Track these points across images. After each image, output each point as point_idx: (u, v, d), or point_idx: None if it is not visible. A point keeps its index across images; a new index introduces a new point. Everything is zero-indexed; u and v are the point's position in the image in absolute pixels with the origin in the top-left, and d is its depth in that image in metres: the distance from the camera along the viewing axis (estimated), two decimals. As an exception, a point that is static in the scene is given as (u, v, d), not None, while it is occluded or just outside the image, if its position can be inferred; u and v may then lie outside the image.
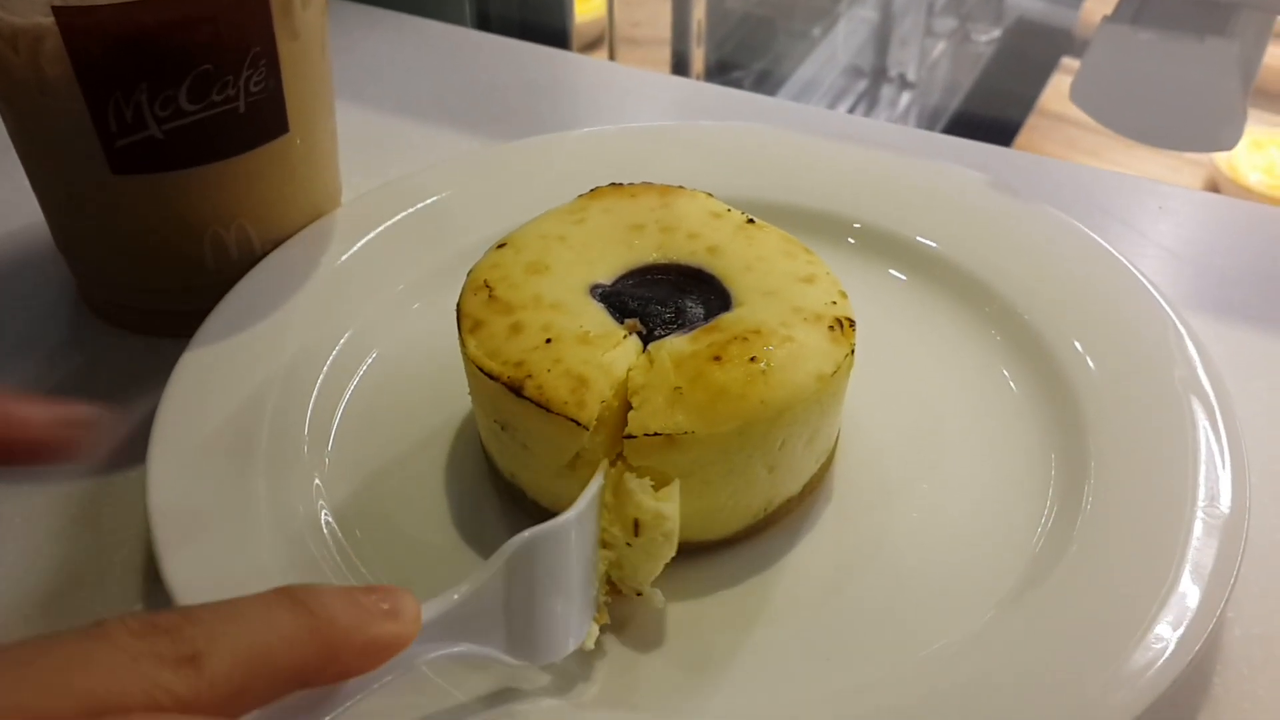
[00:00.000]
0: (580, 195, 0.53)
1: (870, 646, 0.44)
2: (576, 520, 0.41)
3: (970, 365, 0.55)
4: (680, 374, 0.44)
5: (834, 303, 0.47)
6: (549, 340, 0.45)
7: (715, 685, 0.43)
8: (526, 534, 0.39)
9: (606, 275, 0.49)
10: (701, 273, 0.49)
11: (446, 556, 0.48)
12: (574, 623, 0.41)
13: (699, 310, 0.47)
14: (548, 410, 0.43)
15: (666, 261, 0.50)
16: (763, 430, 0.44)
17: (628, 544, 0.43)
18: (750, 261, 0.49)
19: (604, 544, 0.43)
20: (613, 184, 0.54)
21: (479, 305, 0.47)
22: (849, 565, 0.47)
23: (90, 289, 0.62)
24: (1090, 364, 0.52)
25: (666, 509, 0.42)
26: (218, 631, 0.27)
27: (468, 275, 0.49)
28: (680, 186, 0.53)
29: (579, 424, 0.43)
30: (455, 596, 0.36)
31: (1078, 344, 0.54)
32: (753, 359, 0.44)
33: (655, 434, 0.42)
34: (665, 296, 0.48)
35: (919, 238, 0.60)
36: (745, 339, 0.45)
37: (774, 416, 0.44)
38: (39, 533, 0.51)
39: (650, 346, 0.45)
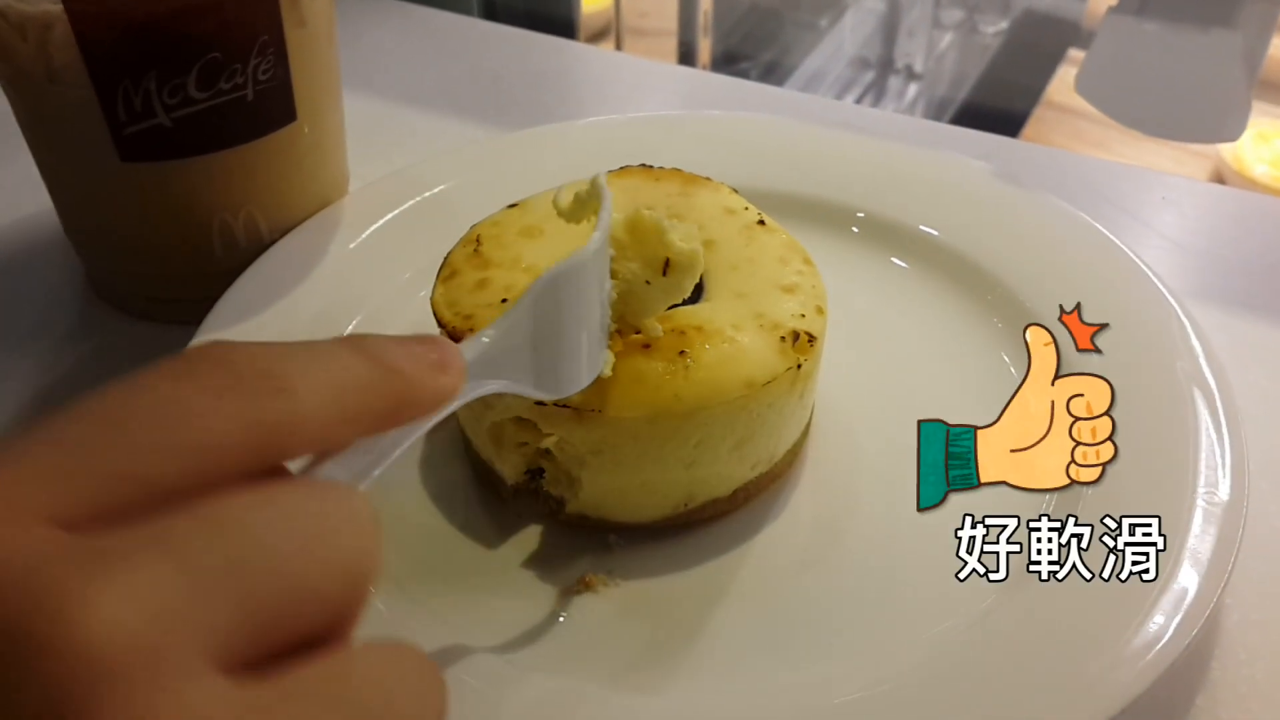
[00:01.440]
0: (610, 171, 0.54)
1: (870, 628, 0.45)
2: (593, 256, 0.40)
3: (972, 352, 0.56)
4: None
5: (803, 315, 0.47)
6: (504, 300, 0.46)
7: (715, 662, 0.44)
8: (549, 274, 0.38)
9: None
10: None
11: (458, 537, 0.48)
12: (592, 356, 0.41)
13: None
14: None
15: None
16: (675, 424, 0.44)
17: (647, 281, 0.43)
18: (740, 261, 0.49)
19: (614, 276, 0.43)
20: (643, 165, 0.54)
21: (463, 257, 0.49)
22: (847, 549, 0.48)
23: (99, 276, 0.63)
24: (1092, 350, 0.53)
25: (699, 248, 0.43)
26: (307, 370, 0.26)
27: (471, 227, 0.51)
28: (708, 178, 0.54)
29: None
30: (486, 339, 0.35)
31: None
32: (681, 353, 0.44)
33: (564, 405, 0.43)
34: None
35: (922, 226, 0.61)
36: (684, 333, 0.45)
37: (688, 413, 0.44)
38: (49, 516, 0.51)
39: None
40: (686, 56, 1.21)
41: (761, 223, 0.51)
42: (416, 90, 0.81)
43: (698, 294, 0.48)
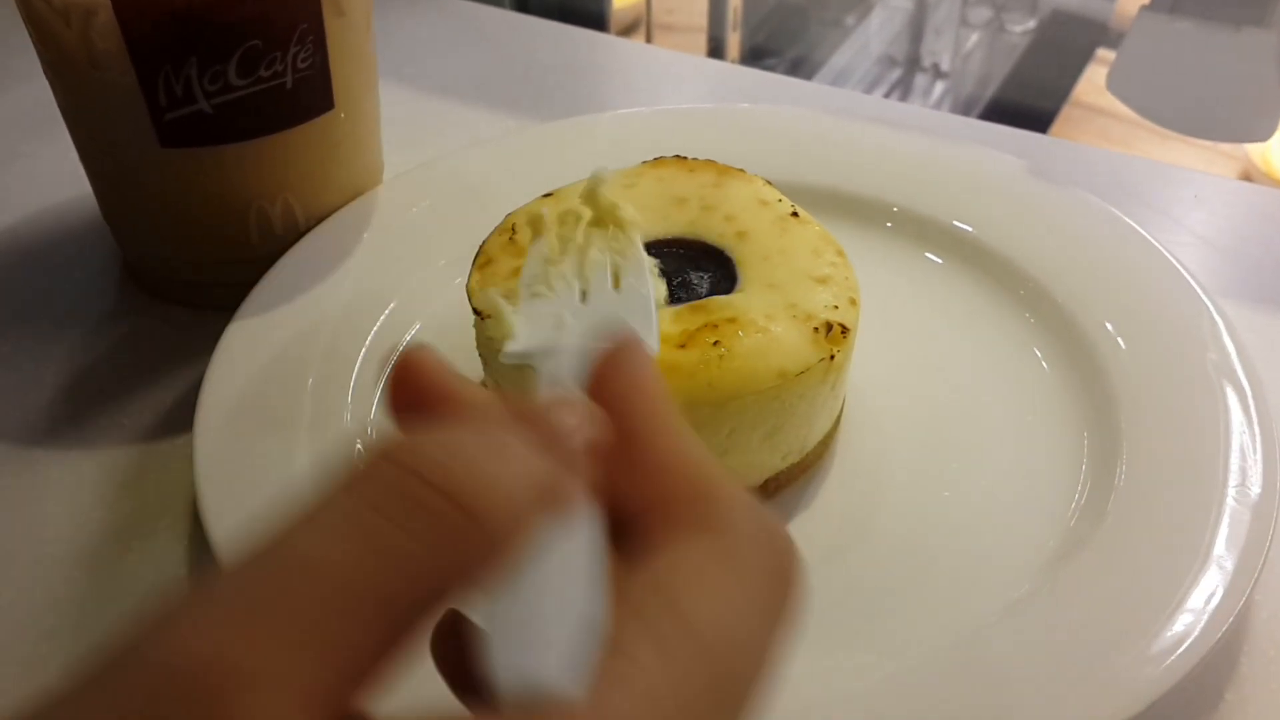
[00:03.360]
0: (644, 161, 0.54)
1: (899, 618, 0.45)
2: None
3: (1004, 346, 0.56)
4: None
5: (835, 307, 0.47)
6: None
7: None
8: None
9: None
10: (721, 254, 0.50)
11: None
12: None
13: (701, 289, 0.48)
14: None
15: (692, 237, 0.50)
16: (708, 413, 0.44)
17: None
18: (772, 252, 0.49)
19: None
20: (677, 156, 0.55)
21: (498, 245, 0.50)
22: (869, 537, 0.48)
23: (136, 260, 0.63)
24: (1123, 345, 0.53)
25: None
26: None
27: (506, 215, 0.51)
28: (741, 169, 0.54)
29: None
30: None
31: (1110, 325, 0.54)
32: (715, 343, 0.44)
33: None
34: (675, 269, 0.49)
35: (955, 222, 0.61)
36: (717, 325, 0.45)
37: (721, 401, 0.44)
38: (87, 496, 0.52)
39: None
40: (716, 52, 1.21)
41: (795, 214, 0.51)
42: (450, 81, 0.82)
43: (731, 285, 0.48)
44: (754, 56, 1.32)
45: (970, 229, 0.60)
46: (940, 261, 0.60)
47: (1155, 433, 0.49)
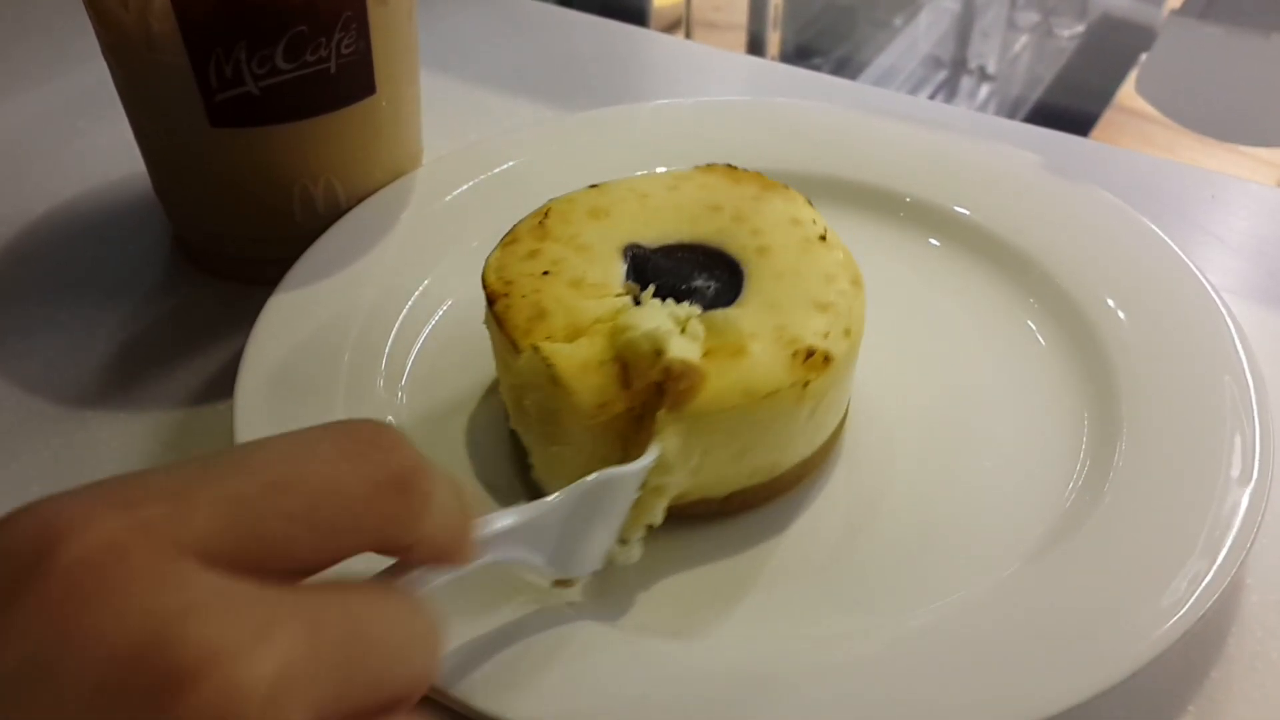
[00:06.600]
0: (696, 166, 0.55)
1: (886, 593, 0.46)
2: (641, 470, 0.43)
3: (1008, 330, 0.58)
4: None
5: (826, 335, 0.46)
6: (546, 272, 0.48)
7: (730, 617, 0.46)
8: (603, 475, 0.41)
9: (651, 239, 0.50)
10: (735, 266, 0.49)
11: (511, 493, 0.51)
12: (600, 551, 0.43)
13: (704, 297, 0.47)
14: (500, 327, 0.46)
15: (713, 245, 0.50)
16: (680, 426, 0.44)
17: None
18: (786, 272, 0.49)
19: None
20: (728, 165, 0.55)
21: (528, 227, 0.51)
22: (871, 515, 0.50)
23: (185, 235, 0.66)
24: (1126, 331, 0.54)
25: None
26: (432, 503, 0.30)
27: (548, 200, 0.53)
28: (785, 186, 0.54)
29: (518, 348, 0.45)
30: (512, 521, 0.38)
31: (1109, 302, 0.56)
32: None
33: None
34: (685, 275, 0.48)
35: (968, 211, 0.63)
36: None
37: (684, 415, 0.44)
38: (133, 456, 0.55)
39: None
40: (755, 49, 1.22)
41: (823, 238, 0.51)
42: (490, 71, 0.84)
43: (734, 297, 0.48)
44: (799, 55, 1.33)
45: (980, 218, 0.62)
46: (951, 249, 0.62)
47: (1155, 416, 0.51)
